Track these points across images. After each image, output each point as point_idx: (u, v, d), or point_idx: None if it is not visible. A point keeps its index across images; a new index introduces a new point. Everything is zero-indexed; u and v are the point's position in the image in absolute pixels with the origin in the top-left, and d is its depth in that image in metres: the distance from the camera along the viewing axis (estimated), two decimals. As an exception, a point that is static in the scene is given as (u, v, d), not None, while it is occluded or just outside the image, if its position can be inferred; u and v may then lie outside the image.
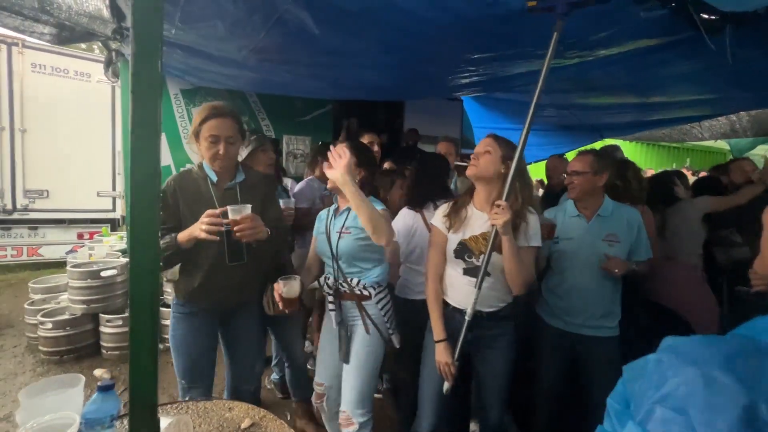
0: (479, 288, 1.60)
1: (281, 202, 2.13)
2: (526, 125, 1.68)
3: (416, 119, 5.37)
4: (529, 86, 3.57)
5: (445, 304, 1.75)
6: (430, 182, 2.22)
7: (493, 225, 1.53)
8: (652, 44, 2.15)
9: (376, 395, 2.09)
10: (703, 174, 4.86)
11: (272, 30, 2.06)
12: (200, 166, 1.78)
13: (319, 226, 1.93)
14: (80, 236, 6.15)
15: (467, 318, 1.63)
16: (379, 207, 1.70)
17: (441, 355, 1.65)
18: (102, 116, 6.34)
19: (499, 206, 1.50)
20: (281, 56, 2.56)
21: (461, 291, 1.69)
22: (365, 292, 1.77)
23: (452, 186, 3.10)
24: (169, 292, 3.74)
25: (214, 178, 1.74)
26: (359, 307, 1.78)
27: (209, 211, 1.55)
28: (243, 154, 2.27)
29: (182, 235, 1.61)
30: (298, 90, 4.00)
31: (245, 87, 4.18)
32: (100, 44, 3.48)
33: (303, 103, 4.75)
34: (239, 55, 2.57)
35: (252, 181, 1.83)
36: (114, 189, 6.44)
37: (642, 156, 7.82)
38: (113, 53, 3.59)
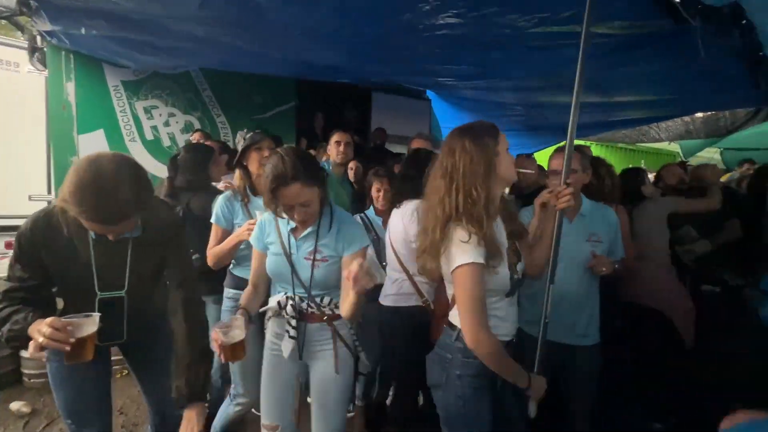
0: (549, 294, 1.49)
1: (257, 213, 1.83)
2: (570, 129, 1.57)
3: (384, 118, 5.21)
4: (501, 79, 3.49)
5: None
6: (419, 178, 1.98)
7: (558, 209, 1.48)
8: (624, 32, 2.09)
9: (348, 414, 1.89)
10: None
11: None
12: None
13: (264, 240, 1.59)
14: (8, 245, 5.46)
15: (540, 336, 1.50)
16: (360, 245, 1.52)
17: (540, 390, 1.35)
18: (35, 111, 5.69)
19: (567, 189, 1.47)
20: (226, 29, 2.28)
21: (509, 317, 1.38)
22: (337, 311, 1.55)
23: None
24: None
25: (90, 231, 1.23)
26: (332, 329, 1.55)
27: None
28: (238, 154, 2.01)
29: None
30: (253, 66, 3.60)
31: (186, 64, 3.74)
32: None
33: (263, 98, 4.46)
34: (177, 25, 2.27)
35: (151, 235, 1.35)
36: (49, 192, 5.79)
37: (605, 156, 8.10)
38: (37, 37, 3.15)
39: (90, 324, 1.15)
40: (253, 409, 2.59)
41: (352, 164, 3.52)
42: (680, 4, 1.77)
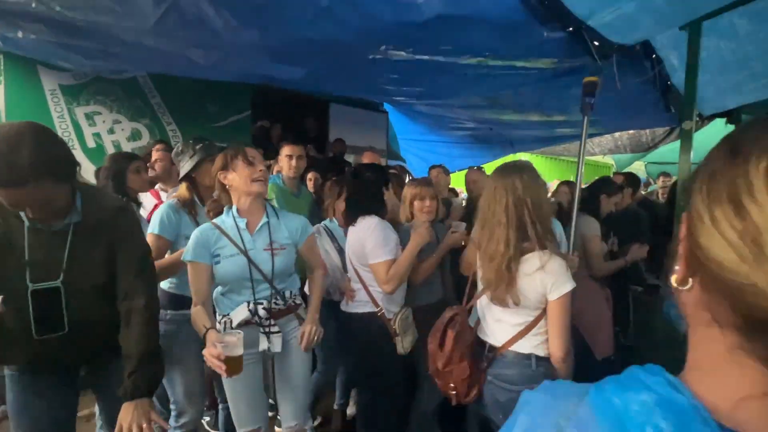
0: None
1: None
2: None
3: (342, 129, 5.27)
4: (450, 99, 3.72)
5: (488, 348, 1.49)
6: (366, 193, 2.01)
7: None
8: (554, 65, 2.35)
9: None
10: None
11: (167, 17, 1.80)
12: None
13: (211, 250, 1.54)
14: None
15: None
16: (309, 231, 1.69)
17: None
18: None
19: None
20: (180, 42, 2.25)
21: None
22: (297, 300, 1.69)
23: None
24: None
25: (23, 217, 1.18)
26: (297, 317, 1.68)
27: None
28: (186, 166, 1.86)
29: None
30: (209, 72, 3.50)
31: (140, 68, 3.60)
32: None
33: (218, 106, 4.35)
34: (128, 36, 2.20)
35: (93, 221, 1.28)
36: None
37: (546, 168, 8.78)
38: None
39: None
40: (204, 422, 2.53)
41: (310, 175, 3.55)
42: (597, 46, 2.03)
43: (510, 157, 6.69)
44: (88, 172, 3.42)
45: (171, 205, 1.80)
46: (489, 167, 7.07)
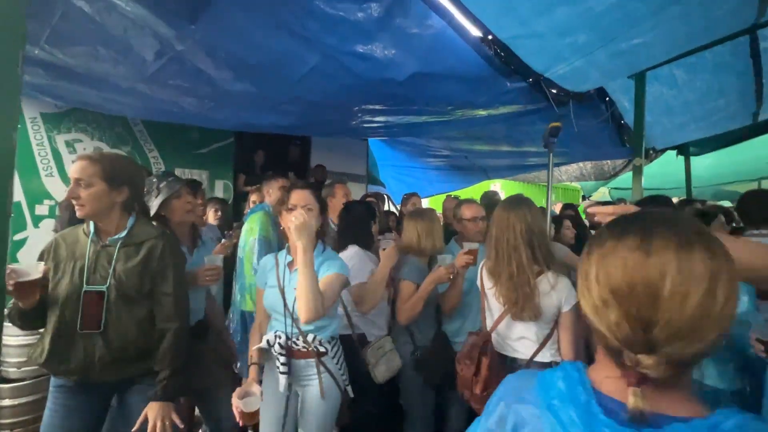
0: None
1: (205, 260, 1.82)
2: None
3: (323, 156, 5.41)
4: (429, 133, 3.95)
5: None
6: (355, 227, 2.15)
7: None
8: (520, 109, 2.60)
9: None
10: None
11: (166, 67, 1.91)
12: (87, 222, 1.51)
13: (265, 276, 1.71)
14: None
15: None
16: (337, 270, 1.59)
17: None
18: None
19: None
20: (175, 90, 2.37)
21: None
22: (322, 348, 1.63)
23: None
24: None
25: (92, 231, 1.47)
26: (318, 364, 1.62)
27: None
28: (154, 205, 1.84)
29: None
30: (196, 120, 3.65)
31: (130, 113, 3.69)
32: None
33: (200, 133, 4.40)
34: (124, 83, 2.29)
35: (138, 239, 1.51)
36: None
37: (521, 193, 9.21)
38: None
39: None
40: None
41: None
42: (555, 94, 2.28)
43: (485, 184, 7.01)
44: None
45: None
46: (465, 193, 7.35)
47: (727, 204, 5.96)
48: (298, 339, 1.61)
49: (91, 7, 1.64)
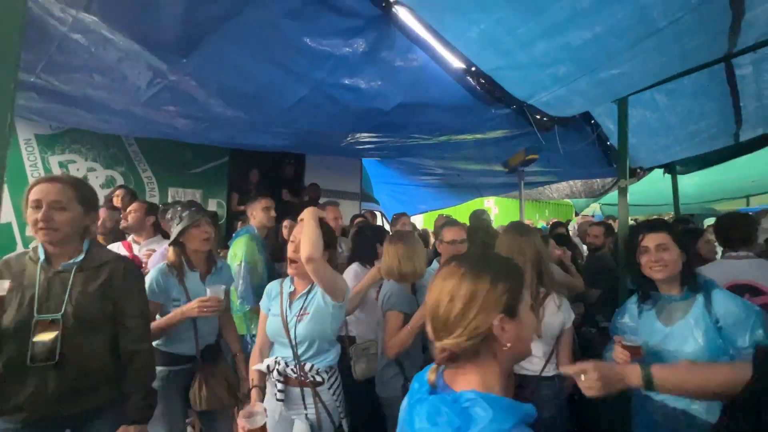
0: None
1: (209, 290, 1.82)
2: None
3: (317, 174, 5.47)
4: (420, 154, 4.02)
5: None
6: (364, 247, 2.37)
7: None
8: (506, 134, 2.67)
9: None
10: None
11: (160, 94, 1.95)
12: (35, 247, 1.43)
13: (269, 303, 1.73)
14: None
15: None
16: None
17: None
18: None
19: None
20: (169, 114, 2.41)
21: None
22: (318, 378, 1.62)
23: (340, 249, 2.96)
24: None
25: (41, 257, 1.37)
26: (314, 394, 1.61)
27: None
28: (174, 231, 1.93)
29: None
30: (191, 138, 3.68)
31: (124, 131, 3.70)
32: None
33: (195, 153, 4.44)
34: (118, 106, 2.33)
35: (97, 263, 1.44)
36: None
37: (512, 209, 9.30)
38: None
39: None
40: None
41: (286, 223, 3.66)
42: (539, 120, 2.35)
43: (477, 201, 7.08)
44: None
45: (160, 270, 1.90)
46: (458, 209, 7.40)
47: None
48: (296, 367, 1.62)
49: (87, 39, 1.69)
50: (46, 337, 1.31)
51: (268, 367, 1.65)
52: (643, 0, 1.50)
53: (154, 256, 2.47)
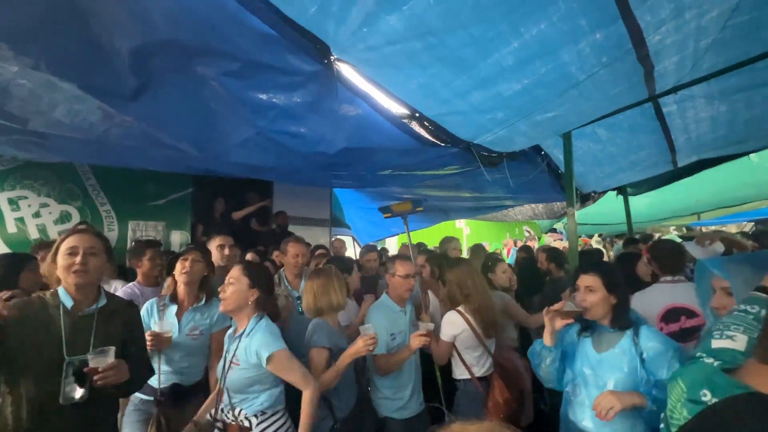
0: None
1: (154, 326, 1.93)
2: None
3: (285, 201, 5.44)
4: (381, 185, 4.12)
5: None
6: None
7: None
8: (457, 170, 2.81)
9: None
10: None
11: (112, 129, 1.94)
12: (54, 293, 1.54)
13: (227, 345, 1.72)
14: None
15: None
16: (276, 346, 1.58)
17: None
18: None
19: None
20: (125, 148, 2.37)
21: None
22: (245, 423, 1.59)
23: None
24: None
25: (69, 304, 1.50)
26: None
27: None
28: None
29: None
30: (149, 165, 3.59)
31: (77, 158, 3.59)
32: None
33: (157, 185, 4.34)
34: (72, 137, 2.29)
35: (113, 307, 1.62)
36: None
37: (484, 230, 9.60)
38: None
39: None
40: None
41: (249, 256, 3.63)
42: (486, 156, 2.49)
43: (447, 224, 7.25)
44: (4, 259, 3.24)
45: (151, 301, 2.04)
46: (427, 232, 7.50)
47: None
48: (228, 413, 1.62)
49: (33, 84, 1.68)
50: (79, 376, 1.42)
51: (210, 414, 1.66)
52: (561, 59, 1.66)
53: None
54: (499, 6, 1.35)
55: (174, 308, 2.02)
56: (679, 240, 4.72)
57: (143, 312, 1.97)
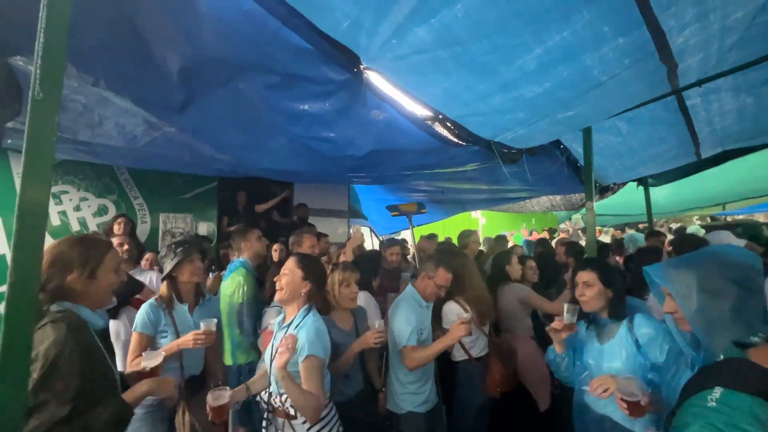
0: None
1: (202, 324, 1.89)
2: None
3: (305, 194, 5.60)
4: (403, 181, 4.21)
5: None
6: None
7: None
8: (478, 167, 2.87)
9: None
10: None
11: (155, 141, 2.10)
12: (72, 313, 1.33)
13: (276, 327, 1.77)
14: None
15: None
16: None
17: None
18: None
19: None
20: (164, 157, 2.55)
21: None
22: (291, 411, 1.62)
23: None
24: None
25: (98, 324, 1.35)
26: (289, 426, 1.62)
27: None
28: (168, 266, 2.06)
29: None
30: (183, 169, 3.86)
31: (116, 163, 3.84)
32: None
33: (184, 180, 4.57)
34: (113, 141, 2.46)
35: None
36: None
37: (500, 220, 9.57)
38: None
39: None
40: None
41: (276, 246, 3.79)
42: (506, 153, 2.55)
43: (463, 215, 7.30)
44: (51, 250, 3.49)
45: (151, 304, 2.02)
46: (446, 223, 7.55)
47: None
48: (276, 397, 1.65)
49: (87, 99, 1.83)
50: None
51: (260, 396, 1.73)
52: (583, 63, 1.70)
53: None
54: (522, 16, 1.41)
55: (184, 307, 2.09)
56: (702, 232, 4.65)
57: (145, 316, 1.95)
